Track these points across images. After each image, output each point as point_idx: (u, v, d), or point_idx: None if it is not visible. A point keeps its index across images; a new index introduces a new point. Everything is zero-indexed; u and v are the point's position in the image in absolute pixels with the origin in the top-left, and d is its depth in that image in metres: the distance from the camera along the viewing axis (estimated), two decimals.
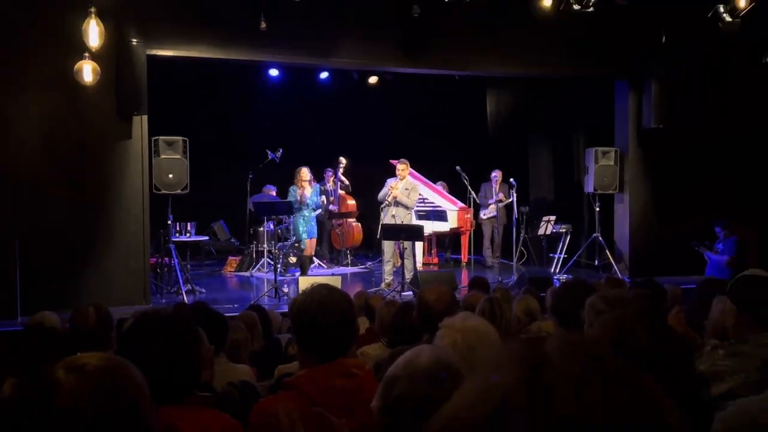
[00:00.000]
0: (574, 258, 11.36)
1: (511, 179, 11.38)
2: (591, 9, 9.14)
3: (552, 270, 11.10)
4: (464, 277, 10.75)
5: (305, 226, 10.64)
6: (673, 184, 11.24)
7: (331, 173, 12.55)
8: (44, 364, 1.33)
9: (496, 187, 12.17)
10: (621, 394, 0.54)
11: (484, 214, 12.27)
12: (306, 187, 10.70)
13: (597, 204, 11.13)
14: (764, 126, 11.78)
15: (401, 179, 10.02)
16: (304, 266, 10.59)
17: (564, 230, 11.60)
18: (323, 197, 11.20)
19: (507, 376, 0.55)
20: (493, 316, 3.74)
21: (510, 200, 11.54)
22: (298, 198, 10.58)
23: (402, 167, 10.07)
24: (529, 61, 10.71)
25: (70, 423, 1.22)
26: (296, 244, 10.97)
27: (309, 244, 10.69)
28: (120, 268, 8.77)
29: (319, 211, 12.30)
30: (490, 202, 12.18)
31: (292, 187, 10.70)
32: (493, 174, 12.26)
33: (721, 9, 9.47)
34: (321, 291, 2.49)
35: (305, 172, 10.75)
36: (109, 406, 1.25)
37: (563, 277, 10.65)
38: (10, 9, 8.22)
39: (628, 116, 11.19)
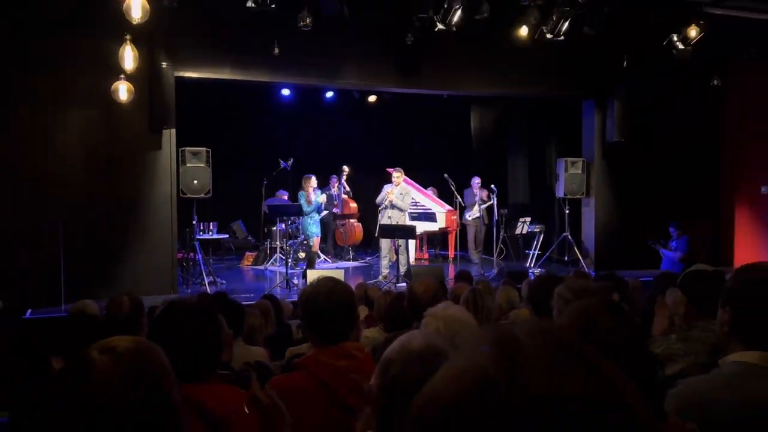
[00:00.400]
0: (547, 254, 11.37)
1: (492, 185, 11.38)
2: (562, 38, 9.15)
3: (527, 264, 11.09)
4: (451, 271, 10.75)
5: (314, 226, 10.67)
6: (632, 190, 11.26)
7: (335, 180, 12.55)
8: (85, 347, 1.34)
9: (476, 191, 12.11)
10: (585, 372, 0.54)
11: (469, 215, 12.19)
12: (311, 192, 10.71)
13: (566, 207, 11.14)
14: (712, 140, 11.83)
15: (396, 185, 10.04)
16: (312, 261, 10.57)
17: (538, 230, 11.60)
18: (323, 196, 11.15)
19: (484, 355, 0.56)
20: (476, 305, 3.75)
21: (491, 202, 11.54)
22: (306, 202, 10.59)
23: (397, 175, 10.10)
24: (509, 82, 10.72)
25: (104, 398, 1.23)
26: (305, 242, 10.96)
27: (315, 242, 10.72)
28: (151, 262, 8.76)
29: (324, 212, 12.31)
30: (475, 200, 12.06)
31: (300, 192, 10.69)
32: (474, 180, 12.20)
33: (675, 38, 9.49)
34: (327, 283, 2.49)
35: (314, 180, 10.77)
36: (138, 383, 1.26)
37: (537, 270, 10.65)
38: (56, 36, 8.21)
39: (594, 131, 11.21)
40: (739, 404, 1.65)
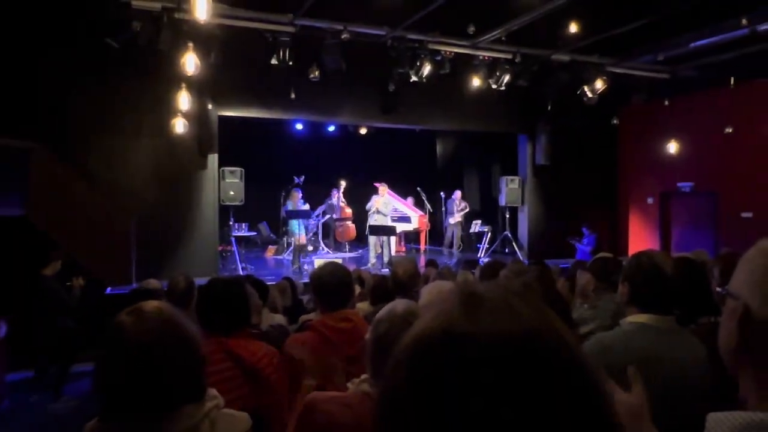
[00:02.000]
0: (492, 247, 11.40)
1: (453, 195, 11.37)
2: (504, 87, 9.21)
3: (478, 255, 11.12)
4: (422, 260, 10.75)
5: (295, 226, 10.40)
6: (556, 201, 11.31)
7: (335, 191, 12.50)
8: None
9: (457, 202, 11.87)
10: (527, 310, 0.55)
11: (452, 220, 11.84)
12: (297, 202, 10.57)
13: (507, 213, 11.19)
14: (612, 164, 11.94)
15: (381, 196, 10.04)
16: (297, 250, 10.24)
17: (486, 230, 11.64)
18: (306, 205, 10.92)
19: (450, 302, 0.56)
20: None
21: (467, 210, 11.55)
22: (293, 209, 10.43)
23: (382, 189, 10.11)
24: (465, 120, 10.75)
25: (133, 350, 1.15)
26: (291, 239, 10.81)
27: (302, 237, 10.48)
28: (199, 252, 8.70)
29: (326, 217, 12.27)
30: (456, 208, 11.82)
31: (289, 201, 10.50)
32: (455, 193, 11.97)
33: (586, 88, 9.59)
34: (331, 265, 2.50)
35: (299, 194, 10.57)
36: (161, 336, 1.18)
37: (486, 259, 10.69)
38: (133, 81, 8.16)
39: (527, 156, 11.26)
40: (633, 351, 1.67)
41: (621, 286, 1.88)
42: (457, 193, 12.06)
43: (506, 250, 11.26)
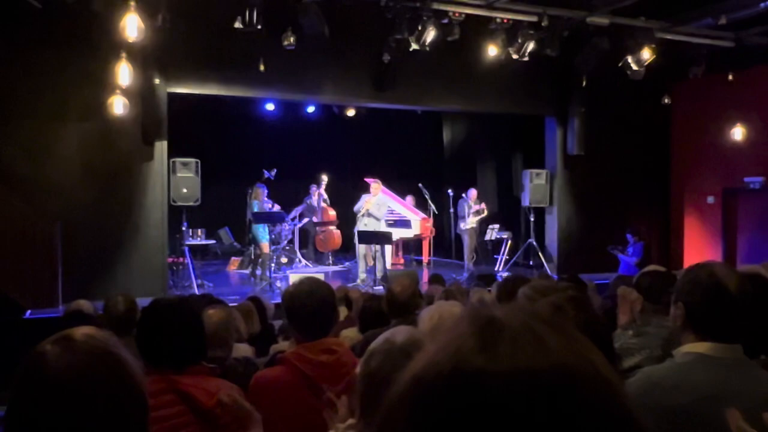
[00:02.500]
0: (513, 259, 11.42)
1: (463, 195, 11.42)
2: (527, 58, 9.23)
3: (496, 268, 11.14)
4: (425, 275, 10.77)
5: (262, 233, 10.37)
6: (592, 200, 11.37)
7: (315, 188, 12.50)
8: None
9: (471, 202, 11.75)
10: (557, 341, 0.54)
11: (463, 225, 11.75)
12: (263, 201, 10.54)
13: (531, 215, 11.23)
14: (662, 154, 12.02)
15: (374, 195, 10.06)
16: (264, 263, 10.29)
17: (505, 236, 11.66)
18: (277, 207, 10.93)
19: (461, 330, 0.55)
20: None
21: (485, 214, 11.56)
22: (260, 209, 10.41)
23: (375, 186, 10.13)
24: (478, 99, 10.79)
25: (57, 387, 1.14)
26: (286, 248, 10.87)
27: (265, 246, 10.46)
28: (143, 265, 8.67)
29: (305, 220, 12.28)
30: (467, 211, 11.72)
31: (255, 201, 10.46)
32: (469, 192, 11.86)
33: (629, 60, 9.63)
34: (309, 282, 2.49)
35: (261, 192, 10.54)
36: (92, 371, 1.16)
37: (505, 273, 10.71)
38: (56, 52, 8.13)
39: (556, 145, 11.31)
40: (689, 389, 1.68)
41: (674, 308, 1.88)
42: (472, 192, 12.02)
43: (531, 262, 11.28)
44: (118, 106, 8.26)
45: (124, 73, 8.16)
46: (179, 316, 2.21)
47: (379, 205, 10.05)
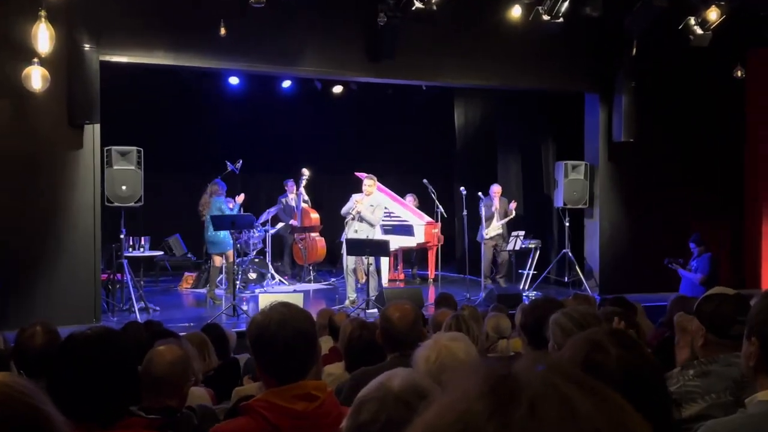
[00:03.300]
0: (544, 274, 11.43)
1: (479, 193, 11.43)
2: (561, 20, 9.22)
3: (521, 287, 11.14)
4: (431, 294, 10.76)
5: (225, 240, 10.25)
6: (644, 199, 11.38)
7: (293, 186, 12.50)
8: None
9: (496, 201, 11.81)
10: (587, 406, 0.54)
11: (486, 233, 11.79)
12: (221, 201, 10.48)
13: (566, 219, 11.23)
14: (735, 141, 12.01)
15: (367, 194, 10.03)
16: (226, 277, 10.29)
17: (533, 246, 11.65)
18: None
19: (469, 390, 0.55)
20: None
21: (512, 216, 11.57)
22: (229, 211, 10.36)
23: (369, 183, 10.06)
24: (499, 72, 10.80)
25: None
26: (256, 260, 10.84)
27: (229, 256, 10.40)
28: (69, 285, 8.62)
29: (280, 225, 12.27)
30: (492, 211, 11.75)
31: (219, 198, 10.40)
32: (492, 188, 11.92)
33: (692, 21, 9.62)
34: (281, 309, 2.47)
35: (218, 190, 10.50)
36: (5, 429, 1.16)
37: (532, 293, 10.70)
38: None
39: (599, 129, 11.32)
40: None
41: (747, 343, 1.88)
42: (495, 189, 11.99)
43: (565, 279, 11.29)
44: (36, 78, 8.21)
45: (43, 36, 8.12)
46: (103, 354, 2.20)
47: (374, 206, 10.04)
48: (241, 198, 10.75)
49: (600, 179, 11.37)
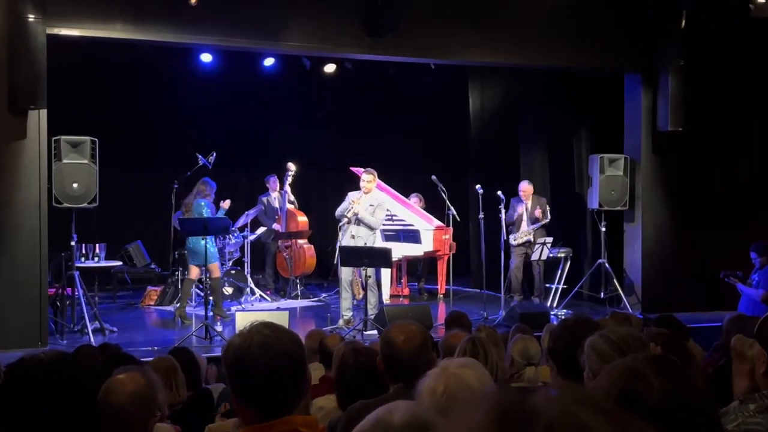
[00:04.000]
0: (575, 289, 11.42)
1: (499, 192, 11.41)
2: None
3: (549, 304, 11.13)
4: (441, 313, 10.75)
5: (208, 249, 10.20)
6: (695, 199, 11.36)
7: (276, 182, 12.48)
8: None
9: (527, 203, 11.76)
10: None
11: (514, 239, 11.75)
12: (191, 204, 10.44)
13: (602, 223, 11.23)
14: None
15: (366, 192, 10.00)
16: (218, 295, 10.37)
17: (563, 255, 11.64)
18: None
19: (481, 424, 0.55)
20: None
21: (546, 220, 11.50)
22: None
23: (368, 179, 10.03)
24: (521, 49, 10.80)
25: None
26: (231, 271, 10.83)
27: (215, 268, 10.40)
28: (9, 302, 8.62)
29: (262, 229, 12.27)
30: (515, 214, 11.68)
31: (203, 201, 10.37)
32: (522, 185, 11.89)
33: None
34: (263, 331, 2.47)
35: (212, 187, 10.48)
36: None
37: (562, 312, 10.69)
38: None
39: (641, 117, 11.32)
40: None
41: None
42: (524, 187, 11.86)
43: (602, 294, 11.27)
44: None
45: None
46: (61, 382, 2.19)
47: (374, 206, 10.03)
48: (227, 204, 10.70)
49: (642, 176, 11.36)
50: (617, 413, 0.56)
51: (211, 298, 10.28)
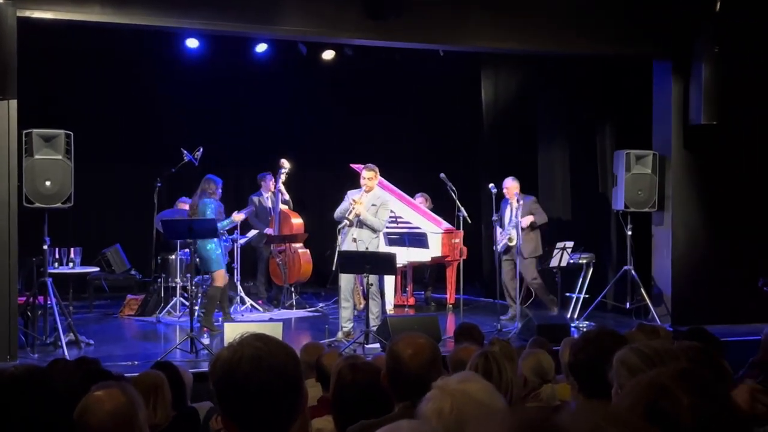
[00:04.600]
0: (598, 299, 11.42)
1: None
2: None
3: (569, 315, 11.12)
4: (450, 324, 10.75)
5: (216, 250, 10.31)
6: (731, 199, 11.34)
7: (270, 179, 12.46)
8: None
9: (511, 202, 11.58)
10: None
11: (501, 239, 11.66)
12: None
13: (629, 226, 11.23)
14: None
15: (367, 191, 10.00)
16: (212, 303, 10.44)
17: (584, 261, 11.64)
18: (239, 215, 10.94)
19: None
20: (488, 377, 3.74)
21: (545, 221, 11.41)
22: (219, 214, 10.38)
23: (369, 175, 10.04)
24: (539, 34, 10.79)
25: None
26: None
27: (219, 276, 10.41)
28: None
29: (252, 233, 12.26)
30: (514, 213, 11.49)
31: (208, 201, 10.38)
32: (505, 183, 11.67)
33: None
34: (255, 344, 2.46)
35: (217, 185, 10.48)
36: None
37: (584, 324, 10.68)
38: None
39: (671, 109, 11.29)
40: None
41: None
42: (510, 184, 11.62)
43: (627, 305, 11.26)
44: None
45: None
46: (35, 398, 2.18)
47: (377, 205, 10.03)
48: (239, 217, 10.67)
49: (673, 174, 11.34)
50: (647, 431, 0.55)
51: (201, 307, 10.30)
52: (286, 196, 12.49)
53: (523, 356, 5.16)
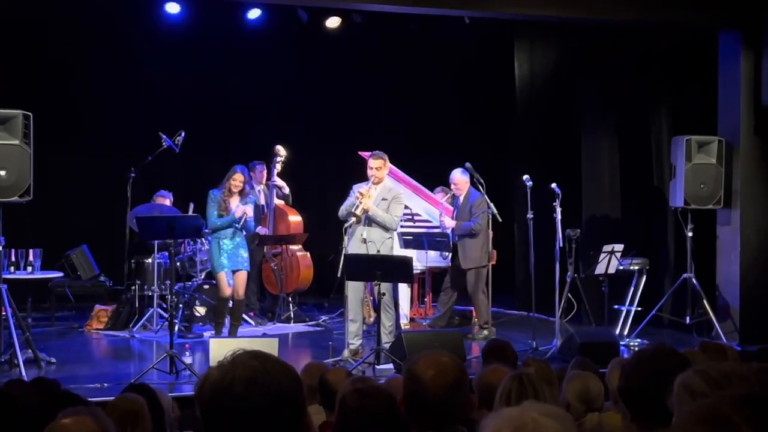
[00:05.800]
0: (653, 312, 11.42)
1: (553, 185, 11.38)
2: None
3: (617, 331, 11.11)
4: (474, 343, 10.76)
5: (219, 250, 10.30)
6: None
7: (263, 170, 12.47)
8: None
9: (460, 198, 11.84)
10: None
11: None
12: (235, 196, 10.42)
13: (689, 226, 11.21)
14: None
15: (376, 182, 9.99)
16: (220, 319, 10.50)
17: (637, 267, 11.63)
18: (248, 207, 10.96)
19: None
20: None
21: (476, 229, 11.43)
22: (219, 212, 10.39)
23: (377, 164, 10.02)
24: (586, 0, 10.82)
25: None
26: (205, 286, 10.88)
27: (225, 285, 10.41)
28: None
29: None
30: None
31: (214, 191, 10.38)
32: (453, 177, 11.80)
33: None
34: (249, 362, 2.46)
35: (240, 177, 10.43)
36: None
37: (636, 342, 10.66)
38: None
39: (740, 88, 11.28)
40: None
41: None
42: (458, 178, 11.67)
43: (687, 319, 11.25)
44: None
45: None
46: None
47: (389, 200, 10.02)
48: (245, 211, 10.52)
49: (742, 165, 11.33)
50: None
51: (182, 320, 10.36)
52: (286, 190, 12.48)
53: (568, 378, 5.16)
